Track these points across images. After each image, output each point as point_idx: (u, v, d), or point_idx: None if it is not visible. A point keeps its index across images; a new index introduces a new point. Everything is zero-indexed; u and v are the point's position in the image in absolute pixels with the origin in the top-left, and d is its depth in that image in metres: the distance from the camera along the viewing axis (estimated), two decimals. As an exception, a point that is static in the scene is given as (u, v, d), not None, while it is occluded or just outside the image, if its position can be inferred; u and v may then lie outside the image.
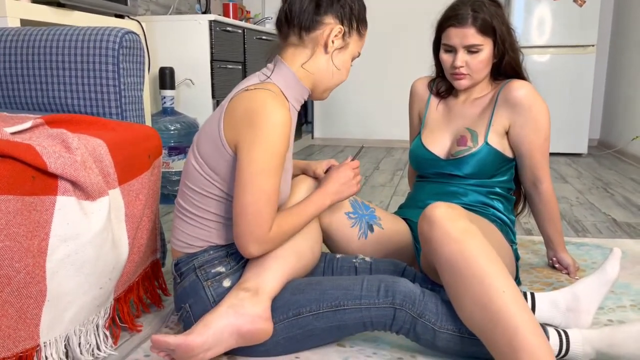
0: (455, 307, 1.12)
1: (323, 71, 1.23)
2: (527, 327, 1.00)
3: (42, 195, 0.99)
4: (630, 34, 4.04)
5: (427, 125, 1.66)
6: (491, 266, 1.07)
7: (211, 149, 1.18)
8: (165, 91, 2.71)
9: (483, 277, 1.06)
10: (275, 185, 1.13)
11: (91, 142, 1.16)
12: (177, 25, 2.89)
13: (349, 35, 1.23)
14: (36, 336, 1.00)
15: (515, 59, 1.54)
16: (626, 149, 3.97)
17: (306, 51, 1.22)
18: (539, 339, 1.00)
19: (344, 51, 1.24)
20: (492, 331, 1.03)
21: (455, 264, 1.09)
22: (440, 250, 1.12)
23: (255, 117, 1.11)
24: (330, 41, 1.21)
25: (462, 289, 1.08)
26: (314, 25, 1.20)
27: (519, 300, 1.04)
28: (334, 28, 1.20)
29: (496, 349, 1.03)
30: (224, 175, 1.18)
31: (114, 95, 1.47)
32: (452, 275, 1.10)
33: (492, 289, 1.04)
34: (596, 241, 2.04)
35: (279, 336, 1.17)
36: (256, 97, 1.13)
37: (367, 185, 3.06)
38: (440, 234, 1.12)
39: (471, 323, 1.08)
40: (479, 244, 1.09)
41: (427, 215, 1.16)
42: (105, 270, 1.14)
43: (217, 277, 1.22)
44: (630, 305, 1.49)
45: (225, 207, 1.21)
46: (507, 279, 1.06)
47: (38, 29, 1.51)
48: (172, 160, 2.62)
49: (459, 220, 1.13)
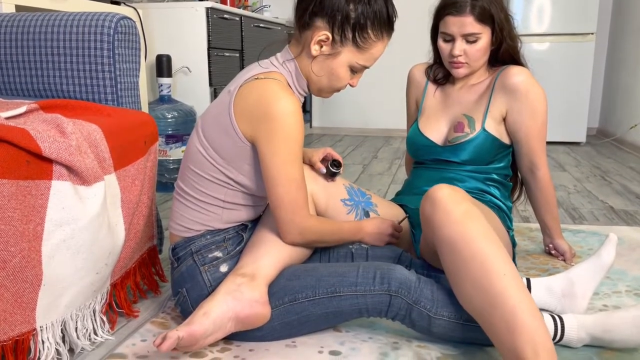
0: (454, 289, 1.12)
1: (309, 72, 1.23)
2: (526, 310, 1.01)
3: (37, 180, 0.99)
4: (629, 22, 4.02)
5: (424, 112, 1.66)
6: (492, 249, 1.07)
7: (219, 134, 1.18)
8: (162, 79, 2.70)
9: (484, 259, 1.05)
10: (301, 171, 1.17)
11: (86, 127, 1.16)
12: (174, 12, 2.87)
13: (340, 45, 1.17)
14: (32, 320, 1.01)
15: (513, 47, 1.54)
16: (625, 137, 3.97)
17: (299, 47, 1.22)
18: (538, 322, 1.00)
19: (333, 59, 1.19)
20: (491, 313, 1.03)
21: (455, 246, 1.09)
22: (441, 232, 1.12)
23: (269, 109, 1.12)
24: (314, 46, 1.18)
25: (462, 271, 1.08)
26: (305, 25, 1.19)
27: (518, 283, 1.04)
28: (320, 33, 1.16)
29: (494, 331, 1.03)
30: (231, 160, 1.19)
31: (110, 81, 1.46)
32: (453, 257, 1.10)
33: (493, 271, 1.04)
34: (593, 228, 2.05)
35: (275, 322, 1.18)
36: (267, 87, 1.14)
37: (365, 174, 3.06)
38: (443, 215, 1.12)
39: (470, 305, 1.08)
40: (481, 227, 1.09)
41: (430, 196, 1.16)
42: (101, 256, 1.14)
43: (214, 262, 1.22)
44: (626, 291, 1.49)
45: (227, 191, 1.22)
46: (508, 262, 1.06)
47: (33, 15, 1.50)
48: (170, 148, 2.62)
49: (462, 202, 1.13)
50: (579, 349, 1.18)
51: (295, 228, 1.19)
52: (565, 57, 3.96)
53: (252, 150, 1.18)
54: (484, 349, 1.19)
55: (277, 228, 1.22)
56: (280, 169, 1.14)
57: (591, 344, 1.18)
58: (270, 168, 1.15)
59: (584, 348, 1.18)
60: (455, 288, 1.11)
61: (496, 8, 1.47)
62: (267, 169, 1.15)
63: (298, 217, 1.18)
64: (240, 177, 1.20)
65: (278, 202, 1.17)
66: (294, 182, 1.16)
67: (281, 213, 1.18)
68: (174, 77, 2.85)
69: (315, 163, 1.41)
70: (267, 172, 1.16)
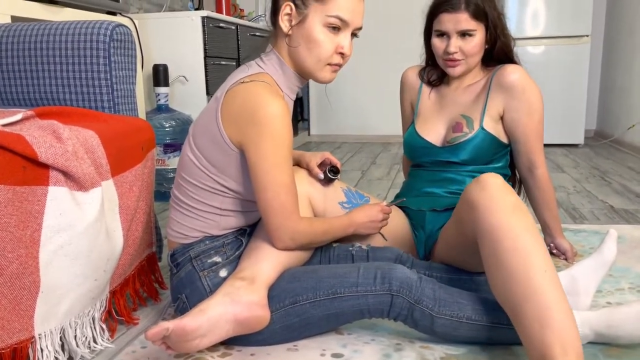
0: (490, 278, 1.11)
1: (294, 52, 1.18)
2: (560, 309, 1.00)
3: (33, 186, 0.98)
4: (624, 23, 4.04)
5: (420, 114, 1.66)
6: (536, 245, 1.06)
7: (209, 142, 1.17)
8: (159, 88, 2.70)
9: (527, 253, 1.05)
10: (290, 175, 1.14)
11: (83, 133, 1.15)
12: (170, 22, 2.88)
13: (304, 7, 1.14)
14: (31, 328, 1.00)
15: (507, 44, 1.54)
16: (623, 138, 3.97)
17: (281, 36, 1.20)
18: (570, 322, 1.00)
19: (304, 26, 1.15)
20: (524, 307, 1.03)
21: (500, 234, 1.08)
22: (487, 219, 1.11)
23: (255, 113, 1.10)
24: (283, 23, 1.16)
25: (504, 261, 1.07)
26: (274, 9, 1.19)
27: (557, 283, 1.04)
28: (284, 8, 1.15)
29: (524, 324, 1.02)
30: (222, 168, 1.18)
31: (106, 88, 1.46)
32: (494, 245, 1.09)
33: (534, 266, 1.04)
34: (594, 227, 2.04)
35: (276, 325, 1.17)
36: (252, 91, 1.12)
37: (364, 179, 3.06)
38: (491, 202, 1.12)
39: (503, 296, 1.07)
40: (527, 221, 1.09)
41: (482, 181, 1.16)
42: (99, 262, 1.13)
43: (214, 267, 1.21)
44: (629, 288, 1.48)
45: (221, 199, 1.21)
46: (549, 261, 1.06)
47: (29, 24, 1.50)
48: (168, 157, 2.61)
49: (511, 194, 1.13)
50: (584, 346, 1.17)
51: (285, 233, 1.16)
52: (561, 60, 3.97)
53: (242, 157, 1.16)
54: (487, 349, 1.18)
55: (268, 234, 1.19)
56: (268, 174, 1.12)
57: (596, 341, 1.17)
58: (258, 173, 1.13)
59: (588, 345, 1.17)
60: (491, 277, 1.11)
61: (489, 6, 1.48)
62: (255, 174, 1.13)
63: (288, 222, 1.16)
64: (234, 184, 1.19)
65: (267, 208, 1.15)
66: (283, 187, 1.13)
67: (270, 218, 1.15)
68: (171, 86, 2.85)
69: (312, 169, 1.40)
70: (255, 177, 1.14)
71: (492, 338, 1.15)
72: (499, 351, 1.17)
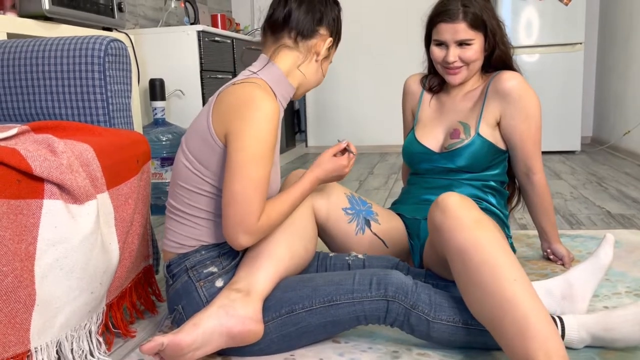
0: (465, 297, 1.11)
1: (311, 75, 1.32)
2: (538, 316, 0.99)
3: (28, 199, 0.99)
4: (617, 29, 4.07)
5: (420, 121, 1.67)
6: (503, 255, 1.06)
7: (200, 143, 1.19)
8: (156, 102, 2.72)
9: (494, 265, 1.05)
10: (264, 174, 1.13)
11: (78, 146, 1.16)
12: (166, 37, 2.90)
13: (333, 48, 1.33)
14: (27, 341, 1.00)
15: (506, 52, 1.56)
16: (619, 144, 3.98)
17: (300, 55, 1.27)
18: (550, 328, 0.99)
19: (327, 60, 1.34)
20: (502, 320, 1.02)
21: (466, 252, 1.08)
22: (452, 239, 1.11)
23: (244, 106, 1.12)
24: (324, 51, 1.29)
25: (473, 277, 1.07)
26: (310, 34, 1.27)
27: (529, 289, 1.03)
28: (327, 40, 1.29)
29: (506, 338, 1.02)
30: (215, 169, 1.19)
31: (101, 102, 1.47)
32: (463, 264, 1.09)
33: (504, 277, 1.03)
34: (591, 232, 2.04)
35: (272, 334, 1.17)
36: (244, 89, 1.15)
37: (362, 190, 3.06)
38: (453, 222, 1.12)
39: (481, 313, 1.07)
40: (492, 234, 1.09)
41: (440, 203, 1.16)
42: (95, 275, 1.13)
43: (210, 278, 1.21)
44: (626, 292, 1.48)
45: (216, 203, 1.22)
46: (518, 268, 1.05)
47: (24, 41, 1.51)
48: (165, 171, 2.62)
49: (472, 209, 1.13)
50: (581, 349, 1.17)
51: (242, 231, 1.12)
52: (556, 68, 3.99)
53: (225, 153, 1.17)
54: (484, 353, 1.18)
55: (222, 230, 1.15)
56: (242, 165, 1.11)
57: (593, 345, 1.17)
58: (233, 163, 1.11)
59: (585, 349, 1.17)
60: (465, 295, 1.10)
61: (488, 14, 1.49)
62: (229, 164, 1.12)
63: (247, 220, 1.12)
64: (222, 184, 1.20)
65: (230, 199, 1.12)
66: (253, 182, 1.11)
67: (230, 212, 1.12)
68: (167, 100, 2.87)
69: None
70: (228, 166, 1.12)
71: (488, 343, 1.15)
72: (495, 357, 1.17)
